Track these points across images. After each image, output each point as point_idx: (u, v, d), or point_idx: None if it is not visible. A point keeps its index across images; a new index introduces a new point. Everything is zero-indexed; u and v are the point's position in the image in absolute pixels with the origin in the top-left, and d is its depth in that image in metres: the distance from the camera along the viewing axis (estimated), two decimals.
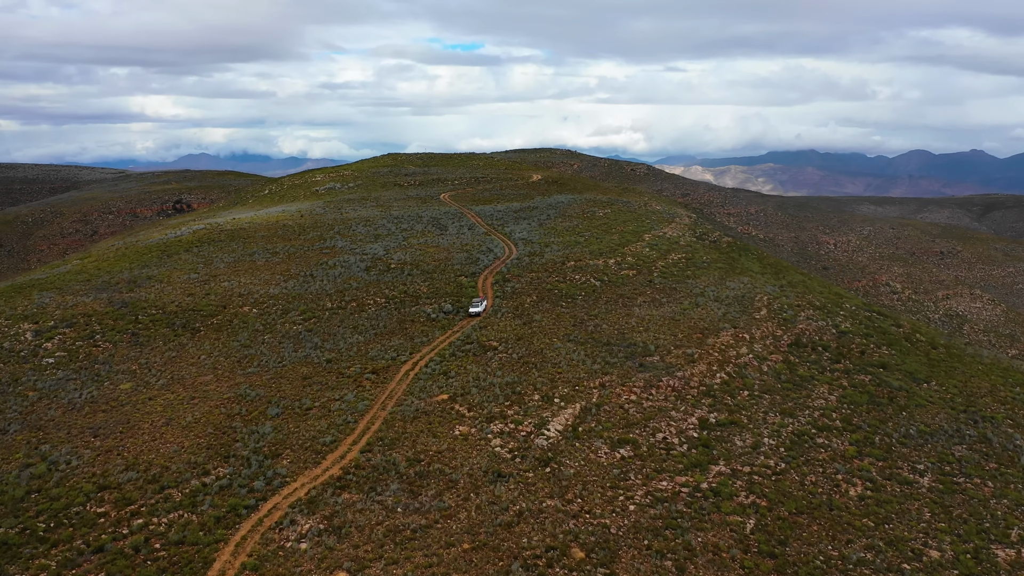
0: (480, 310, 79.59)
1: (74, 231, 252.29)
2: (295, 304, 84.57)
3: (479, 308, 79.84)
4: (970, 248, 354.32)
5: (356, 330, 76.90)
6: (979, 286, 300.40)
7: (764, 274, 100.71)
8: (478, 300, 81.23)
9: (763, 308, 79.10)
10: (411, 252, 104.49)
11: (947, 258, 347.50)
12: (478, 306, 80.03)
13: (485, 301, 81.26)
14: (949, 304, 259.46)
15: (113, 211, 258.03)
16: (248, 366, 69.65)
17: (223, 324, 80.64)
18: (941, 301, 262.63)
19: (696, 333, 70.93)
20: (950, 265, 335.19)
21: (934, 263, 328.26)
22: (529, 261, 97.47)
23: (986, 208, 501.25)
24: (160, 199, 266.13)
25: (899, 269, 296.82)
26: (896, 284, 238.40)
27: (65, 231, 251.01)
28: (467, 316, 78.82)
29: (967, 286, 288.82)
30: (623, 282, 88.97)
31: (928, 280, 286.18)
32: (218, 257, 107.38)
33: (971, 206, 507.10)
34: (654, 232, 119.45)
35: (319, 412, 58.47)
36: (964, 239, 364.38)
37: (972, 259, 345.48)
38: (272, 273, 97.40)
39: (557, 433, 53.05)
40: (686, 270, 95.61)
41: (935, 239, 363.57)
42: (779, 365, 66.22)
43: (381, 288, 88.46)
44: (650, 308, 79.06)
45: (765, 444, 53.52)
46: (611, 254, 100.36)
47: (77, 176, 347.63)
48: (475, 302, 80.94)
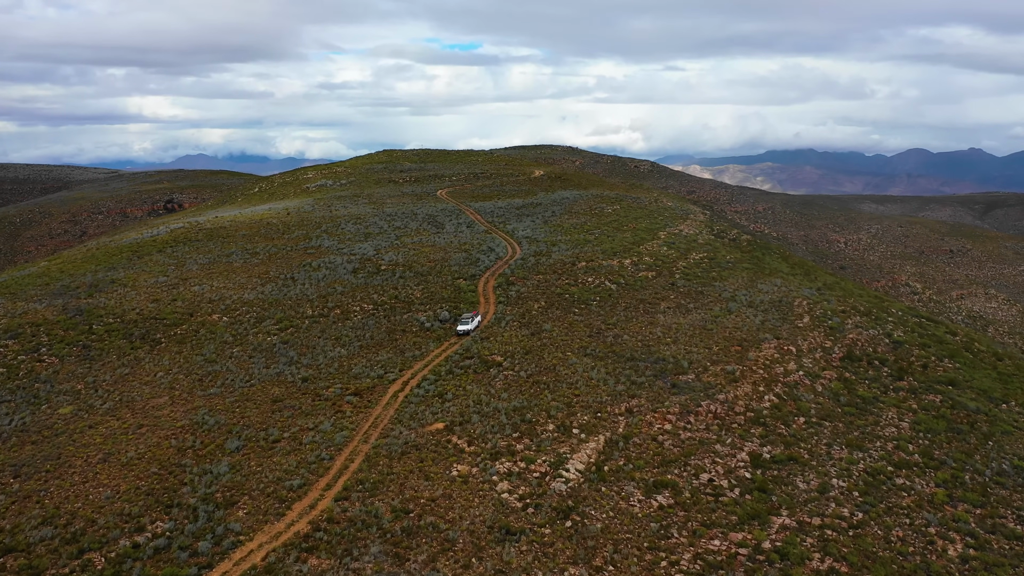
0: (471, 328, 66.38)
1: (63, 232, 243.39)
2: (271, 311, 74.52)
3: (469, 325, 66.51)
4: (980, 246, 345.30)
5: (338, 342, 66.82)
6: (992, 285, 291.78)
7: (794, 275, 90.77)
8: (468, 315, 67.88)
9: (805, 315, 69.10)
10: (404, 252, 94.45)
11: (957, 257, 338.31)
12: (468, 323, 66.73)
13: (478, 317, 68.51)
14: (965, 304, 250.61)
15: (103, 211, 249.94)
16: (211, 385, 59.55)
17: (187, 335, 70.58)
18: (956, 301, 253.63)
19: (734, 345, 60.89)
20: (960, 264, 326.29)
21: (944, 262, 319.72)
22: (535, 262, 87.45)
23: (988, 206, 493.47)
24: (151, 199, 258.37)
25: (912, 268, 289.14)
26: (916, 284, 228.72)
27: (53, 232, 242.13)
28: (456, 335, 66.56)
29: (981, 285, 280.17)
30: (642, 285, 78.95)
31: (941, 279, 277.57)
32: (192, 258, 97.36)
33: (973, 204, 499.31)
34: (669, 230, 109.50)
35: (288, 445, 48.36)
36: (973, 237, 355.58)
37: (982, 257, 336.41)
38: (249, 276, 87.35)
39: (578, 474, 43.02)
40: (710, 271, 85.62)
41: (944, 237, 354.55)
42: (835, 384, 56.19)
43: (369, 293, 78.41)
44: (676, 315, 69.02)
45: (834, 487, 43.50)
46: (626, 253, 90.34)
47: (69, 176, 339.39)
48: (464, 318, 67.55)
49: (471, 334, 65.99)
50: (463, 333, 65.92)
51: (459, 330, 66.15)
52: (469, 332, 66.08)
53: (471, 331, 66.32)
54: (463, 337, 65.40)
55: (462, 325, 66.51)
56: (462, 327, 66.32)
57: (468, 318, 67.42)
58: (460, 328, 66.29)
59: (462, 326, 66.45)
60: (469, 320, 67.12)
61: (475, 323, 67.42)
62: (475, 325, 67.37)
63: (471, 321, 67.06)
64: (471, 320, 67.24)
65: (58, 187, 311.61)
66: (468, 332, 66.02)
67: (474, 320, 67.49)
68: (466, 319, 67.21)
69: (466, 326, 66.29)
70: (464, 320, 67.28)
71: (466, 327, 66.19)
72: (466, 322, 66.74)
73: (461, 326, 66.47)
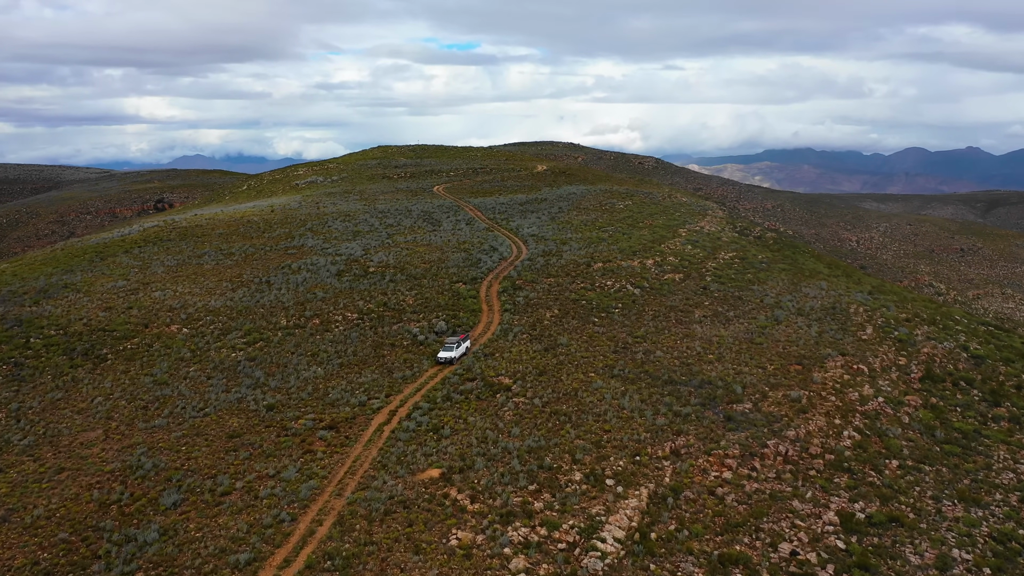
0: (455, 355, 53.40)
1: (50, 232, 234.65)
2: (239, 321, 63.86)
3: (453, 352, 53.44)
4: (991, 245, 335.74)
5: (315, 359, 56.13)
6: (1007, 285, 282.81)
7: (836, 277, 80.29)
8: (453, 339, 54.99)
9: (867, 325, 58.52)
10: (396, 252, 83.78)
11: (968, 255, 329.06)
12: (452, 348, 53.76)
13: (466, 342, 55.63)
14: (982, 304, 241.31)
15: (92, 211, 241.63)
16: (156, 415, 48.89)
17: (139, 350, 59.94)
18: (974, 302, 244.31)
19: (791, 363, 50.28)
20: (971, 263, 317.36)
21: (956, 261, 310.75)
22: (544, 262, 76.82)
23: (990, 204, 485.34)
24: (141, 198, 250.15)
25: (926, 267, 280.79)
26: (940, 285, 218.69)
27: (40, 232, 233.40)
28: (446, 357, 53.97)
29: (997, 285, 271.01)
30: (669, 289, 68.36)
31: (957, 279, 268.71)
32: (159, 259, 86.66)
33: (975, 202, 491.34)
34: (689, 226, 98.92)
35: (240, 500, 37.68)
36: (983, 235, 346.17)
37: (994, 256, 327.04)
38: (219, 280, 76.65)
39: (617, 545, 32.42)
40: (744, 272, 75.05)
41: (954, 236, 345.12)
42: (923, 413, 45.62)
43: (354, 299, 67.74)
44: (715, 325, 58.42)
45: (957, 560, 33.01)
46: (646, 253, 79.72)
47: (60, 176, 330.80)
48: (448, 342, 54.61)
49: (455, 363, 53.27)
50: (445, 361, 53.20)
51: (441, 357, 53.35)
52: (453, 361, 53.27)
53: (456, 359, 53.55)
54: (447, 366, 52.91)
55: (445, 351, 53.74)
56: (445, 353, 53.49)
57: (453, 342, 54.43)
58: (442, 355, 53.42)
59: (445, 352, 53.63)
60: (454, 345, 54.15)
61: (462, 348, 54.60)
62: (462, 351, 54.54)
63: (457, 346, 54.11)
64: (456, 345, 54.22)
65: (49, 187, 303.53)
66: (452, 361, 53.22)
67: (461, 345, 54.55)
68: (450, 344, 54.38)
69: (449, 352, 53.53)
70: (448, 345, 54.40)
71: (449, 354, 53.42)
72: (450, 347, 53.96)
73: (444, 352, 53.67)
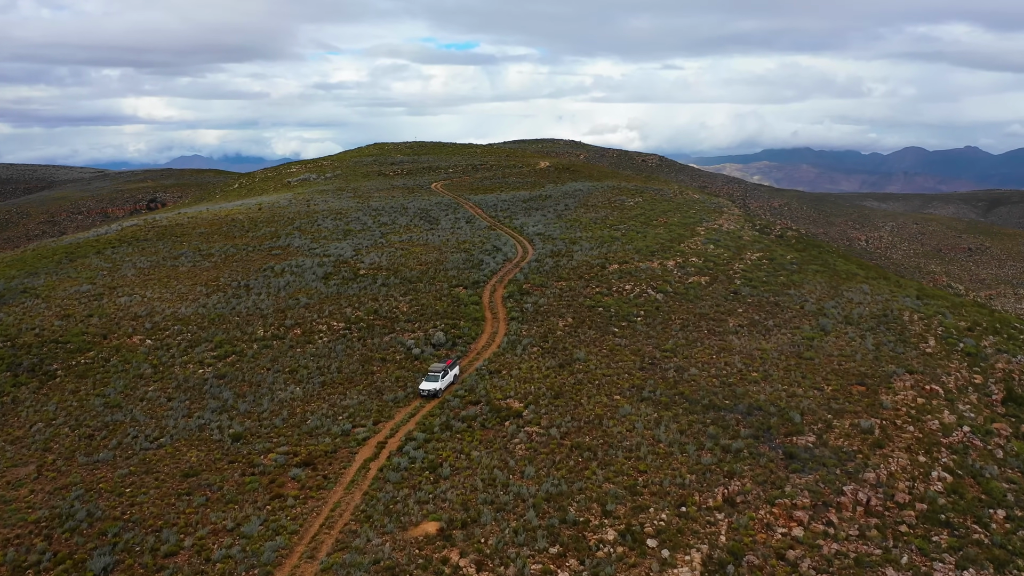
0: (440, 386, 44.64)
1: (40, 233, 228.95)
2: (210, 331, 56.31)
3: (438, 383, 44.64)
4: (999, 244, 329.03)
5: (293, 376, 48.55)
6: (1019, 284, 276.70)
7: (874, 279, 72.90)
8: (438, 366, 45.90)
9: (928, 336, 51.01)
10: (389, 253, 76.24)
11: (975, 255, 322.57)
12: (436, 377, 44.85)
13: (454, 370, 46.81)
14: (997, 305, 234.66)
15: (83, 211, 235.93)
16: (103, 446, 41.36)
17: (94, 365, 52.39)
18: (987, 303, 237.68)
19: (852, 384, 42.75)
20: (980, 262, 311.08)
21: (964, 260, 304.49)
22: (554, 264, 69.26)
23: (991, 204, 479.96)
24: (133, 198, 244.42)
25: (937, 267, 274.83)
26: (958, 286, 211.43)
27: (31, 233, 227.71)
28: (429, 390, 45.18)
29: (1009, 285, 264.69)
30: (696, 294, 60.78)
31: (968, 279, 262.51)
32: (131, 261, 79.09)
33: (976, 201, 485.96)
34: (707, 224, 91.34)
35: (188, 565, 30.12)
36: (990, 234, 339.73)
37: (1002, 255, 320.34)
38: (193, 283, 69.09)
39: None
40: (776, 275, 67.55)
41: (961, 235, 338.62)
42: (1017, 445, 38.09)
43: (341, 306, 60.19)
44: (754, 337, 50.87)
45: None
46: (666, 253, 72.22)
47: (53, 176, 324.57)
48: (432, 371, 45.56)
49: (440, 395, 44.51)
50: (428, 395, 44.27)
51: (423, 390, 44.33)
52: (439, 393, 44.46)
53: (441, 391, 44.67)
54: (431, 400, 44.27)
55: (428, 382, 44.65)
56: (428, 385, 44.44)
57: (438, 371, 45.19)
58: (425, 387, 44.40)
59: (428, 383, 44.54)
60: (439, 373, 44.96)
61: (450, 377, 45.81)
62: (449, 381, 45.74)
63: (443, 374, 45.05)
64: (442, 373, 45.04)
65: (42, 187, 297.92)
66: (437, 393, 44.39)
67: (448, 373, 45.63)
68: (435, 372, 45.14)
69: (433, 383, 44.46)
70: (432, 373, 45.14)
71: (433, 385, 44.38)
72: (435, 376, 44.86)
73: (427, 383, 44.57)
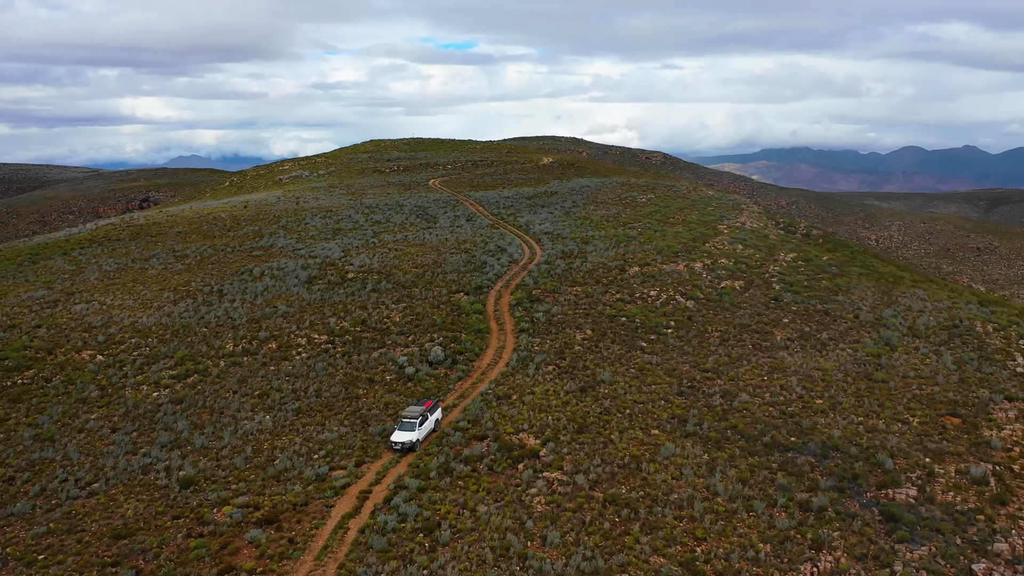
0: (417, 437, 34.90)
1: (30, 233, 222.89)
2: (172, 345, 48.56)
3: (414, 433, 34.87)
4: (1007, 243, 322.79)
5: (263, 402, 40.79)
6: None
7: (923, 282, 65.39)
8: (415, 411, 35.79)
9: (1015, 352, 43.35)
10: (382, 253, 68.53)
11: (984, 254, 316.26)
12: (412, 426, 35.01)
13: (435, 414, 36.89)
14: None
15: (74, 211, 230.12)
16: (22, 493, 33.69)
17: (32, 386, 44.68)
18: None
19: (943, 414, 35.08)
20: (989, 262, 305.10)
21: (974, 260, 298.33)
22: (566, 266, 61.52)
23: (992, 203, 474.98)
24: (126, 197, 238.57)
25: (948, 267, 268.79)
26: (980, 287, 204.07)
27: (21, 233, 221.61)
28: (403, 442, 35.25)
29: (1021, 285, 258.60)
30: (732, 301, 53.05)
31: (981, 279, 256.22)
32: (97, 263, 71.38)
33: (977, 201, 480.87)
34: (728, 222, 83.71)
35: None
36: (999, 234, 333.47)
37: (1011, 255, 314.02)
38: (160, 288, 61.34)
39: None
40: (817, 278, 59.88)
41: (969, 234, 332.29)
42: None
43: (324, 315, 52.43)
44: (809, 353, 43.15)
45: None
46: (691, 254, 64.55)
47: (47, 175, 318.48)
48: (406, 418, 35.46)
49: (418, 447, 34.82)
50: (403, 448, 34.57)
51: (396, 442, 34.67)
52: (415, 445, 34.64)
53: (418, 442, 34.93)
54: (406, 453, 34.66)
55: (402, 431, 34.97)
56: (402, 435, 34.71)
57: (414, 416, 35.19)
58: (398, 438, 34.73)
59: (402, 433, 34.81)
60: (416, 420, 34.98)
61: (429, 424, 35.92)
62: (429, 428, 35.87)
63: (420, 421, 35.18)
64: (419, 420, 35.10)
65: (35, 186, 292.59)
66: (414, 446, 34.58)
67: (428, 418, 35.87)
68: (410, 418, 35.16)
69: (409, 433, 34.70)
70: (407, 420, 35.16)
71: (408, 436, 34.61)
72: (410, 423, 34.98)
73: (401, 433, 34.88)
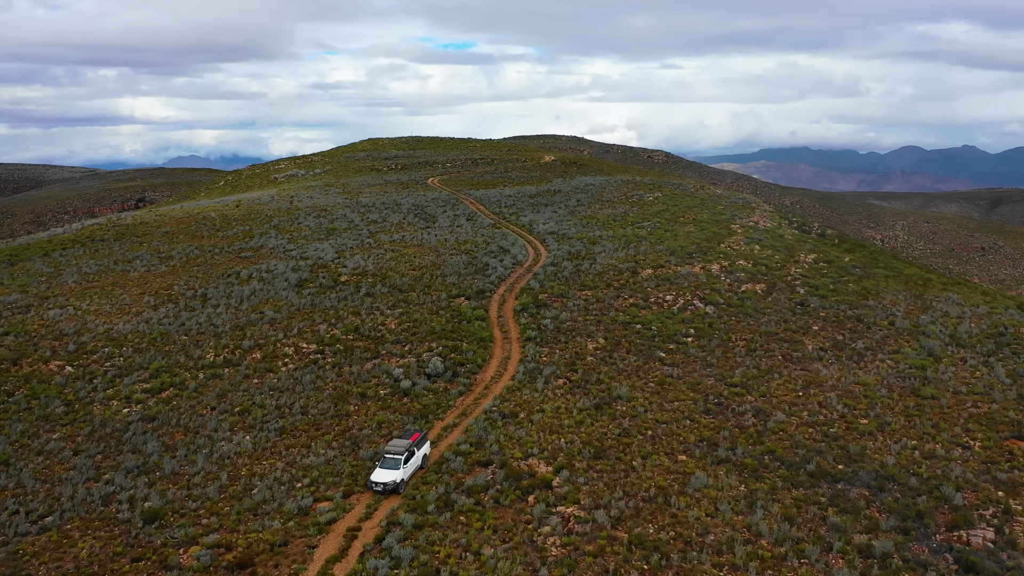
0: (402, 476, 29.98)
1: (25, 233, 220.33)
2: (148, 355, 44.63)
3: (399, 472, 29.84)
4: (1012, 243, 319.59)
5: (244, 420, 36.83)
6: None
7: (955, 285, 61.50)
8: (399, 445, 30.74)
9: None
10: (377, 255, 64.60)
11: (989, 254, 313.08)
12: (396, 464, 29.98)
13: (423, 448, 31.87)
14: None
15: (69, 211, 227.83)
16: None
17: None
18: None
19: (1006, 437, 31.18)
20: (993, 262, 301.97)
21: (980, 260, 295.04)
22: (574, 268, 57.57)
23: (993, 202, 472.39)
24: (121, 197, 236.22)
25: (955, 267, 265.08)
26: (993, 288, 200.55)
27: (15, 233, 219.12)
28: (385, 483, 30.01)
29: None
30: (755, 307, 49.12)
31: (988, 279, 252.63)
32: (77, 265, 67.61)
33: (978, 200, 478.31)
34: (741, 221, 79.85)
35: None
36: (1003, 233, 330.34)
37: (1016, 255, 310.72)
38: (141, 292, 57.44)
39: None
40: (843, 281, 55.96)
41: (973, 233, 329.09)
42: None
43: (314, 321, 48.47)
44: (845, 365, 39.22)
45: None
46: (706, 255, 60.63)
47: (43, 175, 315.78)
48: (389, 453, 30.42)
49: (403, 489, 29.80)
50: (385, 489, 29.40)
51: (377, 482, 29.50)
52: (400, 487, 29.67)
53: (404, 483, 29.92)
54: (388, 495, 29.51)
55: (385, 469, 29.89)
56: (384, 475, 29.65)
57: (399, 451, 30.09)
58: (379, 477, 29.61)
59: (385, 472, 29.75)
60: (400, 457, 29.90)
61: (416, 459, 30.97)
62: (416, 466, 30.93)
63: (405, 459, 30.11)
64: (404, 457, 30.05)
65: (31, 186, 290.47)
66: (399, 487, 29.60)
67: (414, 454, 30.84)
68: (394, 454, 30.06)
69: (392, 472, 29.68)
70: (390, 457, 30.08)
71: (392, 475, 29.56)
72: (394, 461, 29.95)
73: (383, 471, 29.81)
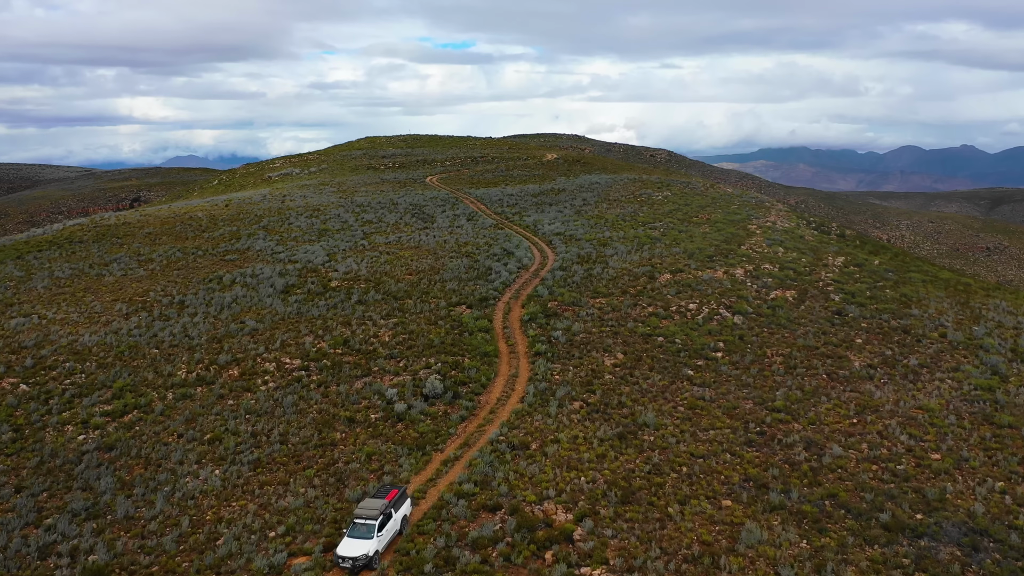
0: (376, 548, 24.61)
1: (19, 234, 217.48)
2: (113, 371, 39.89)
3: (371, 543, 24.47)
4: (1017, 243, 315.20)
5: (214, 450, 32.08)
6: None
7: (995, 290, 56.90)
8: (369, 510, 25.17)
9: None
10: (371, 258, 59.81)
11: (994, 255, 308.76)
12: (366, 534, 24.74)
13: (401, 507, 26.42)
14: None
15: (64, 211, 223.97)
16: None
17: None
18: None
19: None
20: (999, 262, 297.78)
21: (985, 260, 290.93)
22: (585, 273, 52.80)
23: (994, 202, 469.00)
24: (117, 197, 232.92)
25: (963, 267, 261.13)
26: None
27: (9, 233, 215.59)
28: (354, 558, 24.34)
29: None
30: (787, 316, 44.39)
31: (996, 280, 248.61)
32: (49, 269, 62.93)
33: (978, 200, 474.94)
34: (758, 222, 75.09)
35: None
36: (1008, 233, 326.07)
37: (1021, 255, 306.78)
38: (114, 299, 52.69)
39: None
40: (879, 287, 51.25)
41: (978, 233, 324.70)
42: None
43: (299, 332, 43.69)
44: (901, 385, 34.55)
45: None
46: (727, 259, 55.90)
47: (39, 175, 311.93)
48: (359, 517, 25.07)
49: (376, 565, 24.58)
50: (354, 567, 24.22)
51: (343, 556, 24.28)
52: (373, 560, 24.52)
53: (377, 556, 24.69)
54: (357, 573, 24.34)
55: (354, 538, 24.74)
56: (354, 545, 24.50)
57: (371, 515, 25.08)
58: (346, 551, 24.34)
59: (355, 541, 24.64)
60: (374, 523, 24.87)
61: (393, 525, 25.75)
62: (393, 532, 25.75)
63: (379, 524, 24.94)
64: (378, 522, 24.92)
65: (27, 186, 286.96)
66: (371, 561, 24.46)
67: (391, 517, 25.72)
68: (366, 519, 25.02)
69: (363, 542, 24.54)
70: (361, 522, 25.00)
71: (363, 546, 24.47)
72: (366, 529, 24.80)
73: (352, 541, 24.67)
